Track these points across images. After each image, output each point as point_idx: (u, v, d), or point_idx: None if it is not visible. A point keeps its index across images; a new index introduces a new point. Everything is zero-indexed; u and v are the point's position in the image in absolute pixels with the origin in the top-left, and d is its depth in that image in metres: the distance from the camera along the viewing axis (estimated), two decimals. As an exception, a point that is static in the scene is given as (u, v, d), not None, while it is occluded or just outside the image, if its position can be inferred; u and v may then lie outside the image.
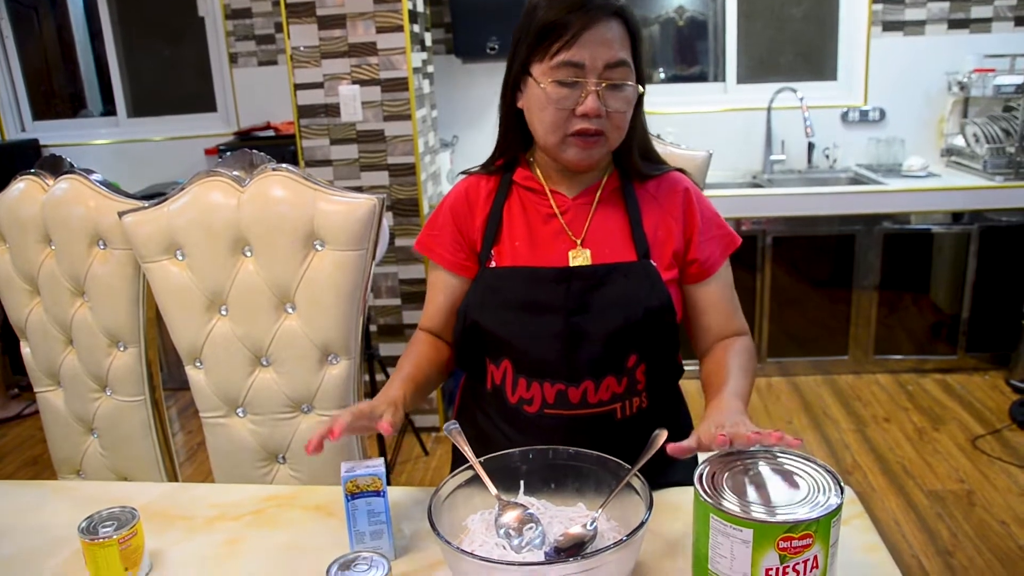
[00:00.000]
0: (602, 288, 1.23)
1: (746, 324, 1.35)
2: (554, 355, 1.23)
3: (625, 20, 1.20)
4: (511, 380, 1.27)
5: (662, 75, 4.17)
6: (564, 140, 1.22)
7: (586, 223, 1.28)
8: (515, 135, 1.32)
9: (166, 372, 1.65)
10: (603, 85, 1.18)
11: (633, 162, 1.31)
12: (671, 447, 1.00)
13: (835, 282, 3.55)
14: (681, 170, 1.36)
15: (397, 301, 3.15)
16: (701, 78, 4.12)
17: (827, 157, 3.88)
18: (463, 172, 1.39)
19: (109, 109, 4.35)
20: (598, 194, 1.30)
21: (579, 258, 1.26)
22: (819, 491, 0.87)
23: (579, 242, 1.27)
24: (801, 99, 3.71)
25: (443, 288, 1.36)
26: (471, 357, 1.34)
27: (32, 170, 1.61)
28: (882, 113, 3.83)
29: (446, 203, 1.36)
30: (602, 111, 1.19)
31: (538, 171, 1.32)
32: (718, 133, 3.89)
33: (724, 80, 4.00)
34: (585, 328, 1.22)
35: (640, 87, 1.24)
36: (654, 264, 1.25)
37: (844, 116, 3.85)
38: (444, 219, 1.35)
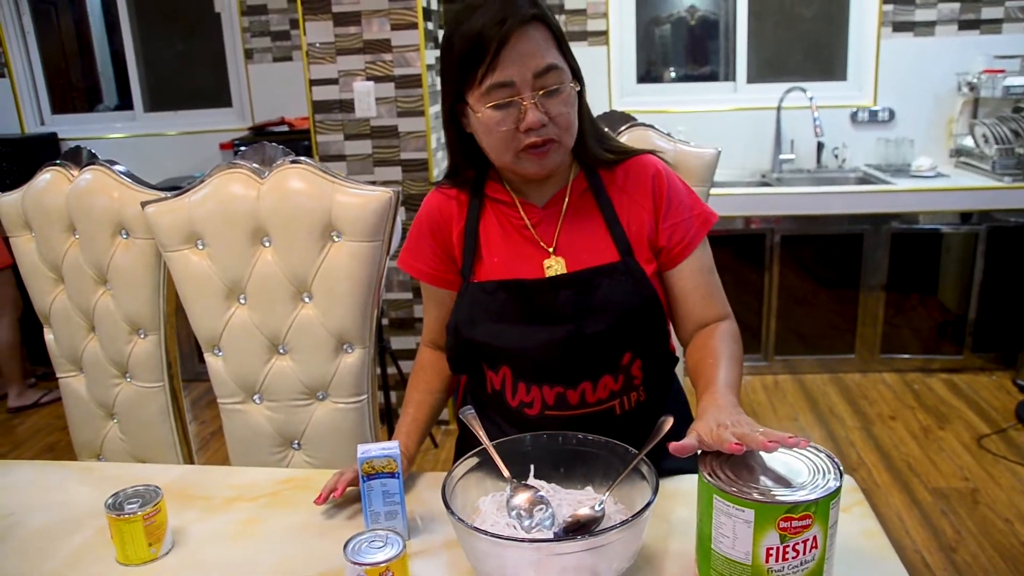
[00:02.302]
0: (588, 293, 1.23)
1: (728, 308, 1.31)
2: (551, 362, 1.24)
3: (541, 21, 1.16)
4: (511, 385, 1.29)
5: (673, 74, 4.20)
6: (517, 155, 1.19)
7: (556, 231, 1.27)
8: (468, 157, 1.29)
9: (179, 364, 1.69)
10: (539, 95, 1.16)
11: (589, 150, 1.27)
12: (672, 446, 0.98)
13: (842, 281, 3.57)
14: (654, 152, 1.32)
15: (408, 295, 3.18)
16: (711, 77, 4.14)
17: (836, 157, 3.90)
18: (433, 184, 1.39)
19: (125, 102, 4.40)
20: (566, 200, 1.28)
21: (554, 267, 1.26)
22: (819, 474, 0.90)
23: (551, 250, 1.26)
24: (811, 99, 3.73)
25: (435, 302, 1.39)
26: (468, 366, 1.36)
27: (58, 161, 1.65)
28: (891, 113, 3.85)
29: (421, 219, 1.35)
30: (545, 120, 1.16)
31: (505, 183, 1.30)
32: (728, 132, 3.91)
33: (734, 79, 4.02)
34: (577, 334, 1.23)
35: (575, 84, 1.21)
36: (636, 261, 1.25)
37: (853, 116, 3.87)
38: (421, 235, 1.35)
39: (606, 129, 1.36)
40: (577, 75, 1.22)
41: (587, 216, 1.28)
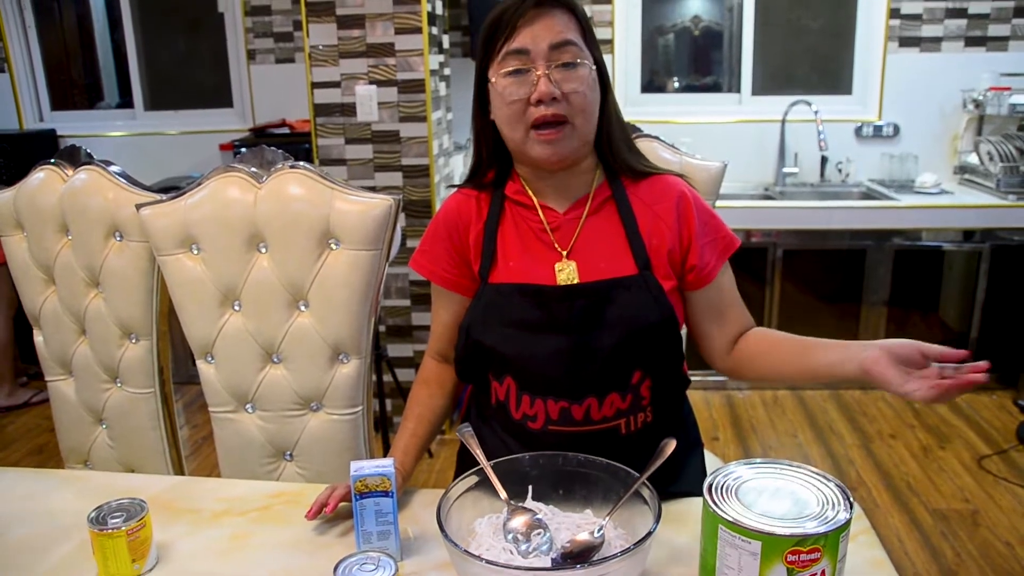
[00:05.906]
0: (605, 305, 1.21)
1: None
2: (557, 373, 1.22)
3: (568, 9, 1.19)
4: (515, 397, 1.26)
5: (676, 84, 4.18)
6: (528, 135, 1.19)
7: (574, 236, 1.26)
8: (492, 150, 1.30)
9: (171, 367, 1.66)
10: (553, 66, 1.16)
11: (616, 154, 1.27)
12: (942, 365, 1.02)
13: (844, 297, 3.54)
14: (681, 175, 1.32)
15: (407, 302, 3.15)
16: (715, 88, 4.12)
17: (840, 171, 3.88)
18: (452, 186, 1.37)
19: (126, 100, 4.37)
20: (587, 206, 1.26)
21: (565, 271, 1.23)
22: (829, 505, 0.87)
23: (565, 254, 1.25)
24: (815, 112, 3.71)
25: (446, 307, 1.36)
26: (474, 373, 1.33)
27: (52, 160, 1.62)
28: (896, 129, 3.83)
29: (439, 220, 1.34)
30: (556, 93, 1.15)
31: (527, 185, 1.29)
32: (731, 144, 3.89)
33: (739, 91, 4.00)
34: (588, 346, 1.20)
35: (596, 68, 1.21)
36: (654, 275, 1.23)
37: (858, 131, 3.85)
38: (438, 237, 1.33)
39: None
40: (601, 69, 1.22)
41: (607, 225, 1.26)
